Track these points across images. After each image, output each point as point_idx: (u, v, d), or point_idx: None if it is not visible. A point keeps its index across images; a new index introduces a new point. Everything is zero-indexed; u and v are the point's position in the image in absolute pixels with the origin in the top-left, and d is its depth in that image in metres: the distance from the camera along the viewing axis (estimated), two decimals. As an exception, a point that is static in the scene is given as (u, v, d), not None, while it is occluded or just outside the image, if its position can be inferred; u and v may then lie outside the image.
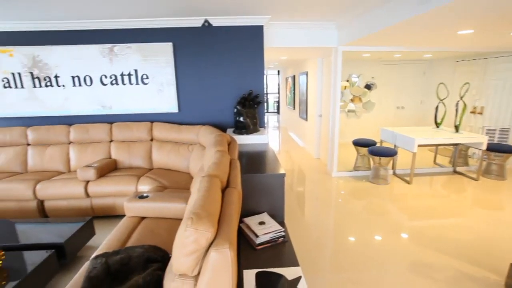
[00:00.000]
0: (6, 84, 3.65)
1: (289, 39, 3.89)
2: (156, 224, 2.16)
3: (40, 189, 3.03)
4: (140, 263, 1.52)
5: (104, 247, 1.86)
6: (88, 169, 3.04)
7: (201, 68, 3.69)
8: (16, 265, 1.91)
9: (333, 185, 4.21)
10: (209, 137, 2.71)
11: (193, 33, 3.59)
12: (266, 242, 1.93)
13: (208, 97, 3.79)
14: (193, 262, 1.07)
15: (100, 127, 3.63)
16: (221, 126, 3.87)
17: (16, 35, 3.56)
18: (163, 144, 3.54)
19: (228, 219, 1.20)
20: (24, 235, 2.31)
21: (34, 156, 3.57)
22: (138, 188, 2.98)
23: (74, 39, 3.59)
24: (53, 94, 3.69)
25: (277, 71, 11.97)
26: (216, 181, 1.43)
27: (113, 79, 3.65)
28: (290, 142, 7.52)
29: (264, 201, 2.26)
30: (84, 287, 1.38)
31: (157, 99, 3.72)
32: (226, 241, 1.04)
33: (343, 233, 2.86)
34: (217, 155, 1.86)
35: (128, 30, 3.57)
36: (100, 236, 2.84)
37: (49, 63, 3.60)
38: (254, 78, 3.73)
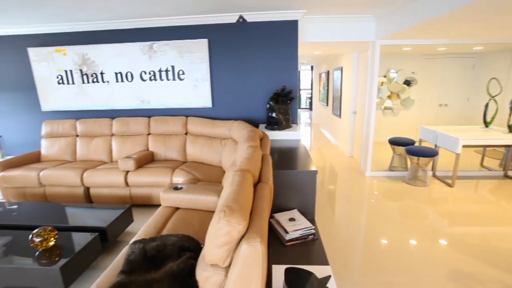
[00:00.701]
0: (60, 80, 4.00)
1: (324, 34, 3.79)
2: (189, 215, 2.26)
3: (86, 177, 3.30)
4: (174, 251, 1.60)
5: (142, 234, 1.99)
6: (128, 160, 3.24)
7: (235, 64, 3.74)
8: (66, 244, 2.11)
9: (366, 184, 4.06)
10: (242, 132, 2.75)
11: (228, 29, 3.64)
12: (295, 239, 1.93)
13: (241, 93, 3.83)
14: (224, 254, 1.11)
15: (139, 120, 3.85)
16: (254, 121, 3.91)
17: (69, 35, 3.88)
18: (197, 138, 3.67)
19: (259, 214, 1.22)
20: (72, 217, 2.54)
21: (82, 146, 3.89)
22: (173, 179, 3.12)
23: (118, 37, 3.82)
24: (99, 89, 3.98)
25: (311, 66, 11.73)
26: (249, 176, 1.46)
27: (152, 75, 3.84)
28: (322, 139, 7.37)
29: (295, 198, 2.25)
30: (124, 269, 1.48)
31: (192, 94, 3.84)
32: (258, 235, 1.06)
33: (375, 234, 2.76)
34: (250, 150, 1.89)
35: (166, 28, 3.72)
36: (137, 223, 3.03)
37: (96, 61, 3.87)
38: (287, 74, 3.70)
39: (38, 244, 2.00)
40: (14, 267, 1.89)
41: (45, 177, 3.36)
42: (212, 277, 1.17)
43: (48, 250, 2.04)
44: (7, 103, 4.30)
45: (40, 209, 2.73)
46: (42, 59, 3.95)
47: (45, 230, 2.03)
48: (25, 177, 3.40)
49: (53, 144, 3.94)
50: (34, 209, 2.74)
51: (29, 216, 2.58)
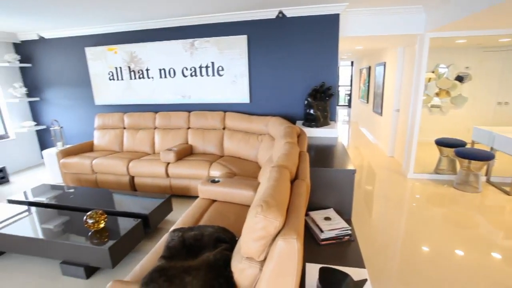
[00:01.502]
0: (111, 77, 4.33)
1: (367, 27, 3.61)
2: (225, 207, 2.32)
3: (131, 167, 3.55)
4: (210, 241, 1.66)
5: (180, 223, 2.09)
6: (169, 152, 3.42)
7: (273, 59, 3.73)
8: (113, 227, 2.29)
9: (408, 187, 3.83)
10: (279, 128, 2.75)
11: (267, 25, 3.64)
12: (331, 239, 1.90)
13: (279, 89, 3.82)
14: (260, 248, 1.12)
15: (180, 115, 4.02)
16: (291, 117, 3.88)
17: (119, 35, 4.18)
18: (234, 133, 3.74)
19: (296, 210, 1.21)
20: (119, 203, 2.75)
21: (128, 138, 4.18)
22: (210, 172, 3.23)
23: (162, 36, 4.02)
24: (144, 85, 4.23)
25: (351, 62, 11.28)
26: (286, 172, 1.45)
27: (193, 71, 3.98)
28: (360, 137, 7.08)
29: (331, 197, 2.20)
30: (164, 254, 1.58)
31: (231, 90, 3.92)
32: (294, 231, 1.06)
33: (416, 241, 2.60)
34: (287, 147, 1.88)
35: (207, 25, 3.83)
36: (176, 212, 3.19)
37: (142, 58, 4.12)
38: (327, 70, 3.60)
39: (91, 225, 2.20)
40: (71, 243, 2.11)
41: (96, 165, 3.68)
42: (247, 269, 1.19)
43: (98, 231, 2.24)
44: (68, 98, 4.76)
45: (92, 193, 3.00)
46: (97, 57, 4.30)
47: (97, 213, 2.23)
48: (80, 165, 3.75)
49: (104, 135, 4.29)
50: (87, 193, 3.01)
51: (83, 200, 2.85)
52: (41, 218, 2.51)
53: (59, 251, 2.17)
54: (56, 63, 4.63)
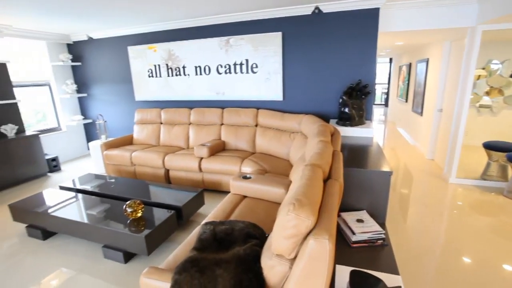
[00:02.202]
0: (150, 74, 4.56)
1: (411, 21, 3.40)
2: (255, 204, 2.34)
3: (167, 160, 3.71)
4: (240, 236, 1.68)
5: (212, 216, 2.15)
6: (202, 147, 3.52)
7: (308, 56, 3.67)
8: (149, 217, 2.42)
9: (449, 193, 3.57)
10: (312, 126, 2.70)
11: (302, 21, 3.58)
12: (362, 241, 1.84)
13: (313, 86, 3.75)
14: (291, 246, 1.12)
15: (213, 111, 4.12)
16: (324, 116, 3.80)
17: (159, 34, 4.38)
18: (266, 131, 3.75)
19: (328, 210, 1.19)
20: (154, 195, 2.89)
21: (164, 133, 4.38)
22: (242, 169, 3.27)
23: (199, 34, 4.13)
24: (181, 82, 4.39)
25: (389, 59, 10.73)
26: (319, 171, 1.43)
27: (227, 68, 4.05)
28: (397, 138, 6.73)
29: (364, 198, 2.12)
30: (196, 246, 1.63)
31: (264, 87, 3.93)
32: (326, 232, 1.04)
33: (457, 251, 2.41)
34: (320, 145, 1.85)
35: (242, 23, 3.86)
36: (208, 206, 3.29)
37: (179, 56, 4.28)
38: (364, 67, 3.47)
39: (129, 214, 2.34)
40: (111, 229, 2.26)
41: (135, 157, 3.90)
42: (276, 266, 1.20)
43: (136, 220, 2.38)
44: (111, 94, 5.10)
45: (130, 184, 3.20)
46: (138, 56, 4.55)
47: (135, 203, 2.37)
48: (121, 157, 4.01)
49: (142, 130, 4.54)
50: (126, 184, 3.21)
51: (122, 189, 3.04)
52: (86, 204, 2.72)
53: (101, 236, 2.34)
54: (102, 61, 4.97)
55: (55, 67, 5.01)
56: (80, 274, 2.22)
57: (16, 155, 4.07)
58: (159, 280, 1.36)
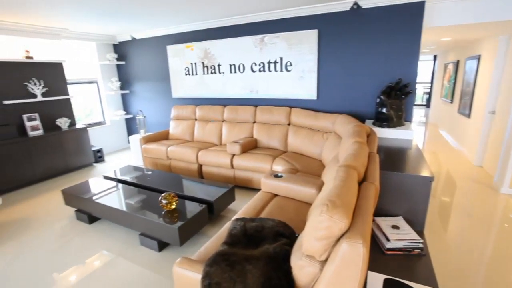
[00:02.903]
0: (187, 72, 4.73)
1: (462, 15, 3.12)
2: (286, 203, 2.33)
3: (200, 156, 3.83)
4: (270, 234, 1.69)
5: (242, 213, 2.18)
6: (234, 144, 3.58)
7: (344, 54, 3.56)
8: (182, 209, 2.52)
9: (499, 204, 3.25)
10: (347, 127, 2.62)
11: (339, 18, 3.47)
12: (397, 249, 1.75)
13: (348, 85, 3.63)
14: (322, 247, 1.10)
15: (246, 109, 4.17)
16: (360, 116, 3.66)
17: (196, 33, 4.52)
18: (299, 130, 3.71)
19: (363, 214, 1.15)
20: (187, 188, 3.00)
21: (199, 129, 4.52)
22: (273, 167, 3.27)
23: (234, 32, 4.19)
24: (215, 79, 4.50)
25: (433, 56, 10.02)
26: (353, 173, 1.39)
27: (261, 67, 4.06)
28: (439, 141, 6.28)
29: (401, 204, 2.02)
30: (227, 240, 1.67)
31: (298, 86, 3.89)
32: (360, 236, 1.00)
33: (507, 269, 2.20)
34: (355, 146, 1.79)
35: (277, 21, 3.85)
36: (238, 202, 3.34)
37: (215, 54, 4.38)
38: (405, 65, 3.28)
39: (164, 205, 2.46)
40: (147, 219, 2.39)
41: (171, 152, 4.08)
42: (306, 267, 1.19)
43: (170, 211, 2.49)
44: (151, 91, 5.38)
45: (166, 177, 3.35)
46: (175, 54, 4.74)
47: (170, 195, 2.48)
48: (158, 151, 4.21)
49: (178, 126, 4.72)
50: (162, 176, 3.37)
51: (158, 181, 3.20)
52: (125, 194, 2.91)
53: (138, 224, 2.49)
54: (143, 60, 5.26)
55: (102, 66, 5.40)
56: (118, 257, 2.39)
57: (68, 146, 4.46)
58: (190, 271, 1.41)
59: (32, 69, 4.20)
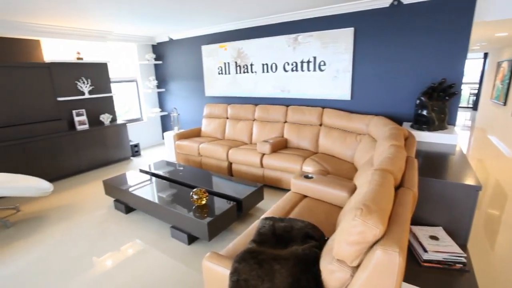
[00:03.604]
0: (220, 71, 4.82)
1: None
2: (315, 204, 2.28)
3: (231, 154, 3.88)
4: (299, 236, 1.66)
5: (271, 212, 2.17)
6: (265, 143, 3.58)
7: (382, 53, 3.40)
8: (212, 205, 2.57)
9: (560, 219, 2.90)
10: (382, 129, 2.50)
11: (377, 15, 3.32)
12: (436, 262, 1.63)
13: (385, 86, 3.46)
14: (354, 253, 1.06)
15: (278, 109, 4.15)
16: (397, 118, 3.47)
17: (230, 33, 4.59)
18: (330, 131, 3.62)
19: (400, 222, 1.09)
20: (217, 185, 3.05)
21: (230, 127, 4.59)
22: (303, 168, 3.22)
23: (267, 32, 4.19)
24: (248, 79, 4.53)
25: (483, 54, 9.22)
26: (390, 177, 1.32)
27: (294, 66, 4.02)
28: (488, 148, 5.76)
29: (441, 214, 1.88)
30: (255, 239, 1.67)
31: (331, 86, 3.79)
32: (396, 244, 0.95)
33: None
34: (392, 150, 1.70)
35: (310, 19, 3.78)
36: (266, 201, 3.34)
37: (248, 54, 4.41)
38: (450, 64, 3.04)
39: (195, 200, 2.53)
40: (178, 212, 2.48)
41: (202, 149, 4.19)
42: (336, 272, 1.15)
43: (200, 206, 2.56)
44: (185, 89, 5.57)
45: (196, 173, 3.44)
46: (209, 54, 4.85)
47: (201, 191, 2.54)
48: (190, 147, 4.35)
49: (210, 123, 4.83)
50: (193, 172, 3.47)
51: (189, 177, 3.30)
52: (158, 187, 3.04)
53: (169, 217, 2.59)
54: (179, 60, 5.45)
55: (141, 65, 5.69)
56: (150, 247, 2.50)
57: (109, 140, 4.77)
58: (219, 265, 1.43)
59: (82, 69, 4.55)
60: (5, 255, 2.48)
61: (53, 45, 4.36)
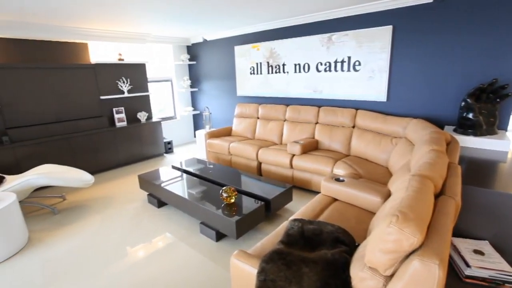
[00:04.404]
0: (251, 71, 4.85)
1: None
2: (346, 209, 2.21)
3: (260, 154, 3.89)
4: (328, 240, 1.62)
5: (300, 214, 2.14)
6: (295, 144, 3.54)
7: (422, 52, 3.20)
8: (240, 204, 2.60)
9: None
10: (422, 132, 2.36)
11: (419, 11, 3.13)
12: (480, 279, 1.50)
13: (425, 86, 3.26)
14: (388, 262, 1.01)
15: (309, 109, 4.08)
16: (438, 121, 3.25)
17: (262, 34, 4.60)
18: (364, 133, 3.48)
19: (440, 232, 1.01)
20: (245, 184, 3.07)
21: (260, 127, 4.60)
22: (334, 170, 3.14)
23: (300, 32, 4.14)
24: (279, 79, 4.51)
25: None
26: (429, 184, 1.23)
27: (327, 66, 3.93)
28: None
29: (488, 226, 1.73)
30: (283, 240, 1.66)
31: (365, 87, 3.65)
32: (436, 255, 0.89)
33: None
34: (432, 155, 1.59)
35: (345, 18, 3.66)
36: (295, 203, 3.30)
37: (280, 54, 4.39)
38: (504, 63, 2.77)
39: (224, 198, 2.57)
40: (207, 209, 2.53)
41: (232, 148, 4.24)
42: (368, 280, 1.10)
43: (229, 204, 2.59)
44: (217, 89, 5.69)
45: (226, 171, 3.49)
46: (242, 54, 4.90)
47: (230, 189, 2.58)
48: (220, 146, 4.43)
49: (241, 123, 4.89)
50: (223, 170, 3.53)
51: (219, 175, 3.36)
52: (188, 184, 3.13)
53: (198, 213, 2.65)
54: (212, 60, 5.58)
55: (176, 65, 5.92)
56: (180, 241, 2.58)
57: (145, 137, 5.02)
58: (247, 264, 1.44)
59: (122, 69, 4.83)
60: (52, 239, 2.71)
61: (98, 47, 4.69)
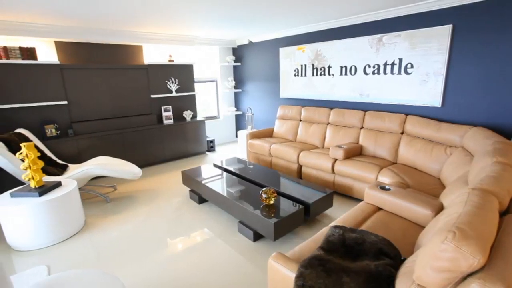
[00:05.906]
0: (296, 73, 4.83)
1: None
2: (391, 219, 2.09)
3: (301, 157, 3.85)
4: (371, 250, 1.54)
5: (341, 221, 2.07)
6: (338, 149, 3.44)
7: (487, 53, 2.88)
8: (279, 206, 2.59)
9: None
10: (483, 142, 2.13)
11: (483, 7, 2.83)
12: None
13: (488, 91, 2.94)
14: (441, 282, 0.93)
15: (354, 113, 3.93)
16: (503, 130, 2.91)
17: (308, 35, 4.55)
18: (413, 140, 3.26)
19: (506, 254, 0.91)
20: (285, 186, 3.06)
21: (302, 130, 4.55)
22: (378, 178, 2.98)
23: (348, 33, 4.01)
24: (324, 81, 4.42)
25: None
26: (492, 200, 1.11)
27: (376, 69, 3.74)
28: None
29: None
30: (323, 246, 1.62)
31: (417, 91, 3.40)
32: (500, 281, 0.80)
33: None
34: (497, 168, 1.43)
35: (398, 18, 3.46)
36: (335, 209, 3.20)
37: (326, 56, 4.30)
38: None
39: (264, 199, 2.59)
40: (246, 209, 2.57)
41: (273, 149, 4.26)
42: (416, 298, 1.03)
43: (268, 206, 2.61)
44: (260, 90, 5.76)
45: (266, 172, 3.52)
46: (287, 56, 4.90)
47: (270, 190, 2.59)
48: (261, 147, 4.48)
49: (282, 125, 4.88)
50: (263, 171, 3.56)
51: (258, 176, 3.39)
52: (228, 182, 3.21)
53: (237, 212, 2.71)
54: (256, 62, 5.66)
55: (222, 67, 6.12)
56: (217, 238, 2.66)
57: (189, 135, 5.28)
58: (284, 267, 1.44)
59: (171, 70, 5.14)
60: (105, 224, 2.99)
61: (150, 49, 5.05)
